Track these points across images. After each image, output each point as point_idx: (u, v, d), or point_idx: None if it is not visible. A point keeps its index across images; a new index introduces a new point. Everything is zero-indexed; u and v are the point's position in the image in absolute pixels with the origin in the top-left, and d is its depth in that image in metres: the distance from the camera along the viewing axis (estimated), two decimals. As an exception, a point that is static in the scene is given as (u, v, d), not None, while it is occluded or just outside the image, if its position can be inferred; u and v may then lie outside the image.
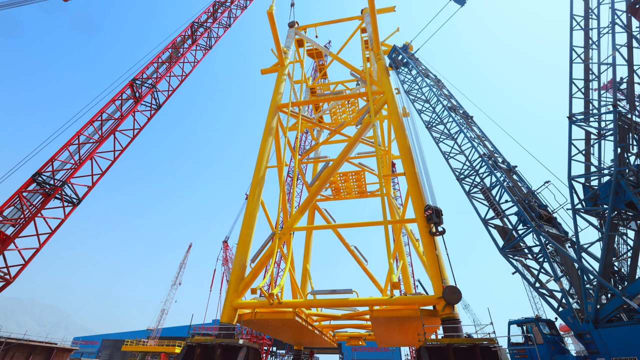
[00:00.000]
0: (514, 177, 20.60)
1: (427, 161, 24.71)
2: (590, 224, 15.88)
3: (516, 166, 21.01)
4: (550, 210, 17.86)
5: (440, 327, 18.07)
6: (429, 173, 23.79)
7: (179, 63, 31.41)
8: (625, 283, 14.80)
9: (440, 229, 19.77)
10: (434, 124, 25.13)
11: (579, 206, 16.09)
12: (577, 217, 15.82)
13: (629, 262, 15.76)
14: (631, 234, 15.97)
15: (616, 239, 17.19)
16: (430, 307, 18.63)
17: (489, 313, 16.61)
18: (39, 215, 22.44)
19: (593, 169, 16.70)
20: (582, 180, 16.58)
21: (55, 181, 23.25)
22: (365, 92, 28.89)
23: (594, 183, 16.46)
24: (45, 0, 30.28)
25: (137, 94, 28.31)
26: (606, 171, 15.84)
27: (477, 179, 20.53)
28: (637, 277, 14.79)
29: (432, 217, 19.85)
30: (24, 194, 22.25)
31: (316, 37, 38.39)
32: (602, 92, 17.29)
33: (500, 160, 21.54)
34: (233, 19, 36.70)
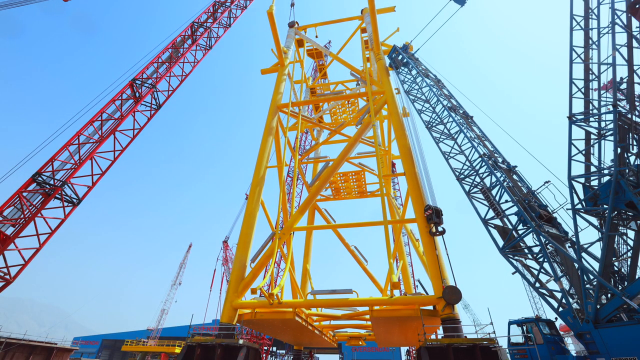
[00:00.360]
0: (514, 177, 20.60)
1: (427, 161, 24.72)
2: (590, 224, 15.88)
3: (516, 166, 21.01)
4: (550, 210, 17.85)
5: (440, 327, 18.07)
6: (429, 173, 23.80)
7: (179, 63, 31.42)
8: (625, 283, 14.80)
9: (440, 229, 19.76)
10: (434, 124, 25.13)
11: (579, 206, 16.09)
12: (577, 217, 15.81)
13: (629, 262, 15.75)
14: (631, 234, 15.97)
15: (616, 239, 17.19)
16: (430, 307, 18.63)
17: (489, 313, 16.61)
18: (39, 215, 22.43)
19: (593, 169, 16.69)
20: (582, 180, 16.58)
21: (55, 181, 23.24)
22: (365, 92, 28.88)
23: (594, 183, 16.46)
24: (45, 0, 30.19)
25: (137, 94, 28.31)
26: (606, 171, 15.83)
27: (477, 179, 20.53)
28: (637, 277, 14.78)
29: (432, 217, 19.84)
30: (24, 194, 22.25)
31: (316, 37, 38.35)
32: (602, 92, 17.28)
33: (500, 160, 21.54)
34: (233, 19, 36.69)
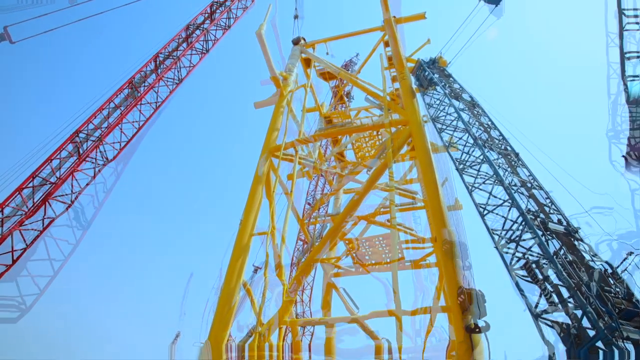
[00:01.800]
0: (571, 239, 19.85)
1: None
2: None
3: (551, 191, 20.64)
4: (579, 236, 17.88)
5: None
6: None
7: (176, 66, 32.73)
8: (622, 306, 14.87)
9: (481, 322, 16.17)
10: (466, 165, 22.05)
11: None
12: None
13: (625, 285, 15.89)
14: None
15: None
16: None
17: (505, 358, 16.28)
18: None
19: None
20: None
21: (56, 179, 25.08)
22: (384, 122, 26.93)
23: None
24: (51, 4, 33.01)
25: (136, 93, 30.18)
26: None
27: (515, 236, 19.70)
28: (633, 299, 14.85)
29: (467, 305, 15.79)
30: (24, 192, 23.93)
31: (327, 53, 36.43)
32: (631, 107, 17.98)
33: (555, 219, 20.33)
34: (233, 20, 37.20)
